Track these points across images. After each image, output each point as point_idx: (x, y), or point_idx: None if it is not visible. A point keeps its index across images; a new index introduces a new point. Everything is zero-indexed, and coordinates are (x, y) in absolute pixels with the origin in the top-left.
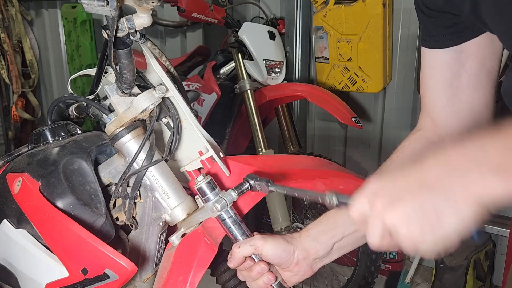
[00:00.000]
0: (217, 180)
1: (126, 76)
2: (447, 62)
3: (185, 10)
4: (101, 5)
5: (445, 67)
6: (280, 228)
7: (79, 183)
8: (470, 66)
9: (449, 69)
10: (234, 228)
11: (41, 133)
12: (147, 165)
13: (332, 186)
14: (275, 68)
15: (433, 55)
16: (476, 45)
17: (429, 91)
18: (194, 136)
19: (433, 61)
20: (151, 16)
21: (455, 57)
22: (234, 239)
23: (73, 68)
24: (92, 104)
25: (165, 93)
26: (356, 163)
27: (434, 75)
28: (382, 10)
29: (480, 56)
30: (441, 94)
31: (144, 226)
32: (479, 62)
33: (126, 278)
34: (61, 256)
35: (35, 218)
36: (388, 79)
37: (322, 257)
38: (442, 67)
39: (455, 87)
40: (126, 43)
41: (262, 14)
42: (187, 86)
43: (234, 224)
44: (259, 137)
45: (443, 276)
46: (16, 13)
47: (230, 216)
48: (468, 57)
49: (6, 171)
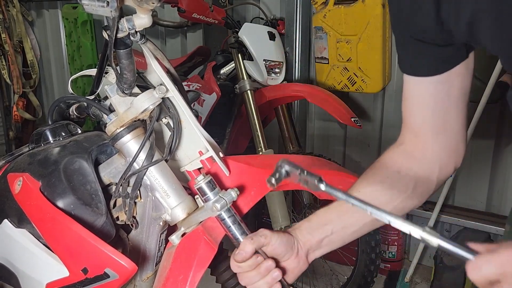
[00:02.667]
0: (217, 179)
1: (127, 76)
2: (430, 91)
3: (185, 10)
4: (102, 6)
5: (427, 96)
6: (280, 227)
7: (79, 182)
8: (451, 94)
9: (431, 98)
10: (234, 228)
11: (42, 133)
12: (147, 165)
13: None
14: (275, 69)
15: (414, 82)
16: (456, 73)
17: (411, 115)
18: (194, 136)
19: (416, 89)
20: (151, 16)
21: (436, 86)
22: (234, 239)
23: (74, 68)
24: (92, 104)
25: (165, 93)
26: (355, 163)
27: (415, 101)
28: (382, 10)
29: (459, 84)
30: (422, 119)
31: (144, 225)
32: (459, 88)
33: (126, 277)
34: (61, 255)
35: (35, 217)
36: (387, 79)
37: (314, 249)
38: (424, 95)
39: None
40: (126, 44)
41: (262, 14)
42: (188, 86)
43: (233, 224)
44: (259, 137)
45: (442, 276)
46: (17, 13)
47: (229, 216)
48: (449, 86)
49: (7, 171)
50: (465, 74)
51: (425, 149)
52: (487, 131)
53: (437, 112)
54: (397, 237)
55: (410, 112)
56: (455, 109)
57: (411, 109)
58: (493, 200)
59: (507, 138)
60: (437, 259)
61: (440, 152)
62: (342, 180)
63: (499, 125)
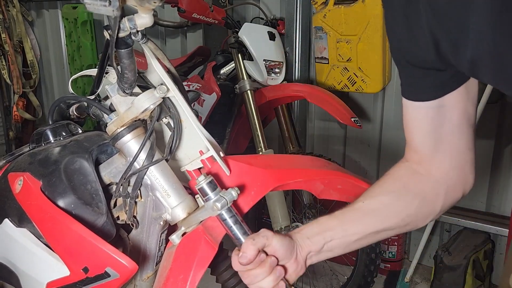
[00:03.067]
0: (218, 179)
1: (128, 76)
2: (429, 116)
3: (185, 10)
4: (104, 5)
5: (427, 120)
6: (280, 227)
7: (80, 182)
8: (451, 117)
9: (431, 122)
10: (235, 227)
11: (43, 133)
12: (148, 164)
13: (331, 186)
14: (275, 69)
15: (414, 107)
16: (456, 97)
17: (412, 135)
18: (194, 136)
19: (415, 113)
20: (152, 16)
21: (436, 110)
22: (235, 238)
23: (74, 68)
24: (93, 104)
25: (166, 93)
26: (355, 163)
27: (416, 125)
28: (382, 10)
29: (461, 107)
30: (424, 141)
31: (144, 225)
32: (459, 112)
33: (127, 276)
34: (62, 254)
35: (36, 217)
36: (388, 79)
37: (313, 255)
38: (424, 119)
39: (438, 135)
40: (127, 43)
41: (262, 14)
42: (188, 87)
43: (234, 223)
44: (259, 137)
45: (442, 276)
46: (17, 13)
47: (230, 215)
48: (449, 109)
49: (7, 170)
50: (467, 96)
51: (429, 168)
52: (487, 131)
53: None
54: (397, 237)
55: (410, 132)
56: (458, 132)
57: (412, 130)
58: (493, 200)
59: (507, 138)
60: (437, 259)
61: (445, 173)
62: (341, 180)
63: (499, 125)
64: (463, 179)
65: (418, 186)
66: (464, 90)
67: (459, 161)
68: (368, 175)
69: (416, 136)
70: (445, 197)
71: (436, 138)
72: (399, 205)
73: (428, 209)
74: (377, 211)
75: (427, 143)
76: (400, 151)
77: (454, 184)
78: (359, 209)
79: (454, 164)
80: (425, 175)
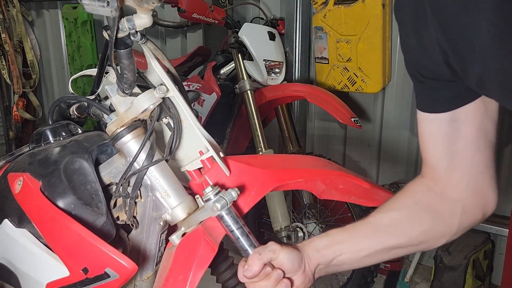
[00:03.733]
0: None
1: (127, 76)
2: (443, 130)
3: (185, 10)
4: (102, 6)
5: (441, 134)
6: (280, 227)
7: (80, 182)
8: (466, 133)
9: (446, 136)
10: (234, 228)
11: (42, 133)
12: (148, 165)
13: (332, 186)
14: (275, 69)
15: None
16: (472, 111)
17: (427, 151)
18: (194, 136)
19: (429, 127)
20: (151, 16)
21: (450, 124)
22: (234, 239)
23: (74, 68)
24: (93, 104)
25: (165, 93)
26: (355, 163)
27: (431, 139)
28: (382, 10)
29: (476, 123)
30: (439, 157)
31: (144, 225)
32: (475, 128)
33: (126, 277)
34: (62, 255)
35: (36, 217)
36: (388, 79)
37: (322, 267)
38: (438, 133)
39: (453, 151)
40: (126, 44)
41: (262, 14)
42: (188, 87)
43: (234, 224)
44: (259, 137)
45: (442, 276)
46: (17, 13)
47: (230, 216)
48: (464, 123)
49: (7, 170)
50: (484, 111)
51: (444, 186)
52: None
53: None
54: None
55: (425, 147)
56: (474, 149)
57: (426, 145)
58: None
59: (507, 138)
60: (437, 259)
61: (462, 192)
62: (343, 180)
63: (499, 125)
64: (482, 200)
65: (432, 204)
66: (481, 105)
67: (477, 180)
68: (368, 175)
69: (431, 152)
70: (462, 218)
71: (450, 155)
72: (411, 222)
73: (443, 228)
74: (388, 227)
75: (442, 160)
76: (400, 151)
77: (472, 204)
78: (370, 224)
79: (471, 183)
80: (439, 194)
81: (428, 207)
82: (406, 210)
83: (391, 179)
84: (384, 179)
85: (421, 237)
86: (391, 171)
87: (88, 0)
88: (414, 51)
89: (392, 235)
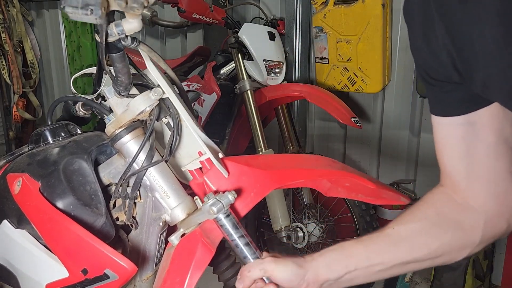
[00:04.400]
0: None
1: (121, 79)
2: (459, 134)
3: (185, 10)
4: (85, 14)
5: (458, 139)
6: (280, 227)
7: (79, 183)
8: (485, 138)
9: (463, 141)
10: (231, 230)
11: (41, 134)
12: (147, 165)
13: (338, 184)
14: (275, 69)
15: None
16: (488, 115)
17: (444, 158)
18: (193, 137)
19: (444, 131)
20: (141, 21)
21: (466, 128)
22: (231, 242)
23: (74, 68)
24: (91, 104)
25: (161, 95)
26: (355, 163)
27: (447, 145)
28: (382, 10)
29: (495, 126)
30: (456, 164)
31: (144, 226)
32: (494, 132)
33: (126, 278)
34: (61, 256)
35: (35, 218)
36: (388, 79)
37: (331, 283)
38: (454, 138)
39: (471, 158)
40: (118, 48)
41: (262, 14)
42: (188, 87)
43: (231, 227)
44: (259, 137)
45: (442, 276)
46: (17, 13)
47: (227, 219)
48: (481, 128)
49: (6, 171)
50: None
51: (465, 196)
52: None
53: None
54: None
55: (441, 155)
56: (494, 155)
57: (442, 151)
58: None
59: None
60: None
61: (483, 202)
62: (347, 179)
63: None
64: (507, 209)
65: (453, 214)
66: (499, 109)
67: (499, 188)
68: (368, 175)
69: (448, 159)
70: (485, 229)
71: (469, 162)
72: (431, 234)
73: (465, 240)
74: (407, 239)
75: (460, 167)
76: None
77: (495, 214)
78: (387, 237)
79: (492, 192)
80: (461, 203)
81: (448, 217)
82: (426, 221)
83: (391, 179)
84: (384, 179)
85: (441, 250)
86: (391, 171)
87: (72, 8)
88: (423, 54)
89: (411, 248)
